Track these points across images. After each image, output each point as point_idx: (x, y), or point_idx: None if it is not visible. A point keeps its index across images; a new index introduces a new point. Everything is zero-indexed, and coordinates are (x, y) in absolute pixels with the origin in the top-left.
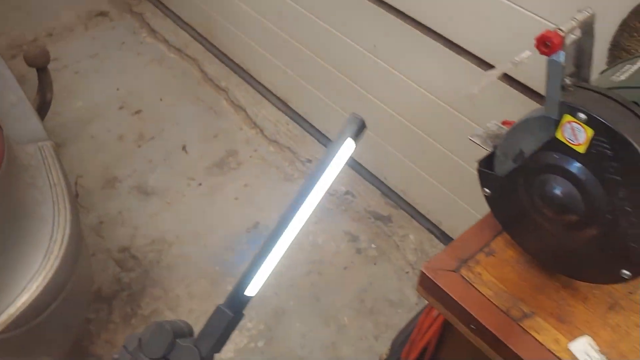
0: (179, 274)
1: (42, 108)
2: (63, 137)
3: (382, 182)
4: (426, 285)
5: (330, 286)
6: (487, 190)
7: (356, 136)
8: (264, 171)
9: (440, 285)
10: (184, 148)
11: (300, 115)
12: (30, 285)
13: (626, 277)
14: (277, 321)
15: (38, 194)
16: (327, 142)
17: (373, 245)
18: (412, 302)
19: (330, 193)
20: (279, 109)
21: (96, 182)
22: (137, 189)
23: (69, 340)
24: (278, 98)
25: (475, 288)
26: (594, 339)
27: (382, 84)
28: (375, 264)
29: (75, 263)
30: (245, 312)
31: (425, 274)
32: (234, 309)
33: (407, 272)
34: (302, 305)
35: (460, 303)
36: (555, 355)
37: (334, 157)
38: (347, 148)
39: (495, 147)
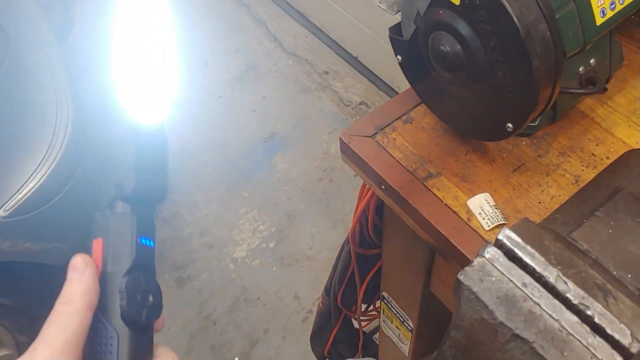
0: (197, 180)
1: (67, 19)
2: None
3: (395, 91)
4: (344, 150)
5: (340, 192)
6: (399, 57)
7: None
8: (281, 84)
9: (353, 149)
10: (205, 63)
11: (318, 28)
12: (35, 174)
13: (510, 130)
14: (288, 224)
15: (41, 95)
16: (344, 54)
17: None
18: None
19: (345, 104)
20: (299, 22)
21: None
22: None
23: (81, 228)
24: (298, 11)
25: (387, 151)
26: (493, 196)
27: None
28: None
29: (78, 158)
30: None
31: (342, 140)
32: None
33: None
34: (313, 210)
35: (370, 164)
36: (452, 210)
37: None
38: None
39: (399, 11)
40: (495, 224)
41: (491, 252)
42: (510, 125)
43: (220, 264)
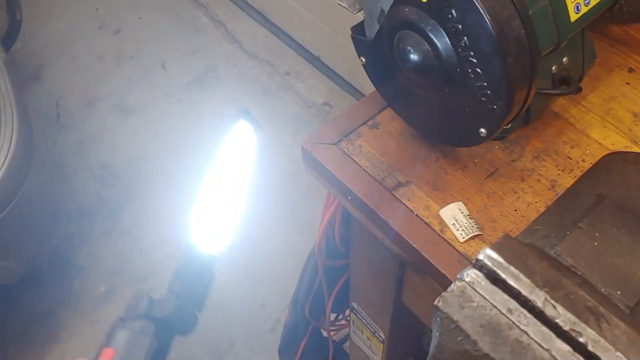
0: (158, 188)
1: (13, 27)
2: (44, 59)
3: (359, 92)
4: (307, 159)
5: (305, 196)
6: (362, 58)
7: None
8: (243, 86)
9: (317, 158)
10: (163, 66)
11: (278, 28)
12: None
13: (483, 135)
14: (254, 232)
15: None
16: (305, 54)
17: None
18: None
19: (308, 105)
20: (258, 22)
21: (77, 102)
22: (117, 107)
23: (30, 246)
24: (257, 11)
25: (354, 160)
26: (466, 205)
27: None
28: None
29: (25, 170)
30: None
31: (304, 148)
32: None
33: None
34: (277, 216)
35: (335, 174)
36: (424, 221)
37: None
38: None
39: (361, 9)
40: (470, 235)
41: (471, 274)
42: (483, 130)
43: None
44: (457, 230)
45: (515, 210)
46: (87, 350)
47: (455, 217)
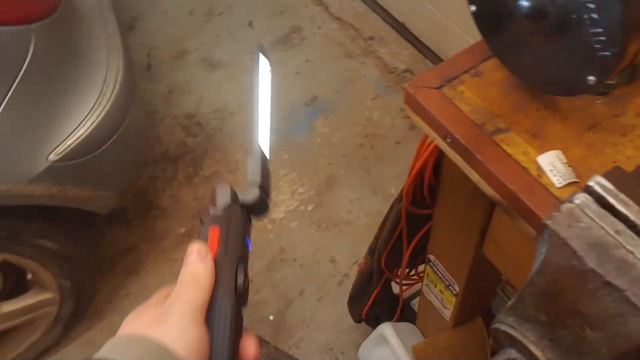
0: (239, 140)
1: None
2: (138, 10)
3: (442, 60)
4: (409, 101)
5: (381, 159)
6: (472, 7)
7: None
8: (326, 47)
9: (419, 100)
10: (250, 24)
11: None
12: (85, 121)
13: (592, 83)
14: (327, 188)
15: (94, 42)
16: (391, 19)
17: None
18: None
19: (390, 70)
20: None
21: (167, 53)
22: (204, 61)
23: (124, 179)
24: None
25: (454, 103)
26: (565, 154)
27: None
28: None
29: (127, 108)
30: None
31: (407, 90)
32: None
33: None
34: (353, 175)
35: (436, 116)
36: (521, 165)
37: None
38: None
39: None
40: (567, 182)
41: (581, 198)
42: (591, 78)
43: (258, 224)
44: (555, 176)
45: (614, 162)
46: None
47: (553, 163)
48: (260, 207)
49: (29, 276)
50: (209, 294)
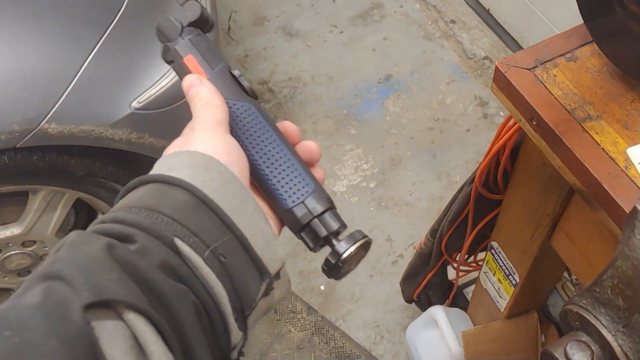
0: (308, 110)
1: None
2: None
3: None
4: (498, 80)
5: (449, 145)
6: None
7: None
8: (405, 27)
9: (509, 79)
10: None
11: None
12: (168, 74)
13: None
14: (392, 168)
15: None
16: (475, 4)
17: (502, 113)
18: None
19: (468, 56)
20: None
21: (247, 18)
22: (283, 29)
23: None
24: None
25: (545, 86)
26: None
27: None
28: None
29: None
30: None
31: (498, 68)
32: None
33: None
34: (419, 158)
35: (525, 97)
36: (609, 155)
37: None
38: None
39: None
40: None
41: None
42: None
43: None
44: None
45: None
46: None
47: None
48: (205, 20)
49: (100, 216)
50: (225, 110)
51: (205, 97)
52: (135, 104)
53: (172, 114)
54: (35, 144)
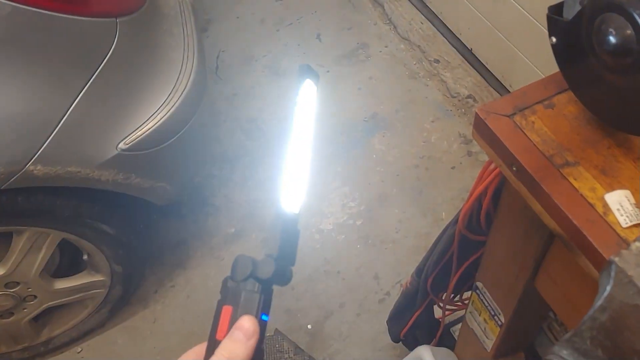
0: None
1: None
2: (212, 14)
3: (507, 89)
4: (478, 127)
5: (435, 182)
6: (553, 38)
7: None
8: (390, 66)
9: (489, 125)
10: (318, 36)
11: (436, 15)
12: (156, 115)
13: None
14: (378, 205)
15: (172, 40)
16: (458, 44)
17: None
18: None
19: (452, 95)
20: (417, 7)
21: (235, 58)
22: (270, 68)
23: (185, 174)
24: None
25: (524, 133)
26: (634, 195)
27: None
28: None
29: (195, 106)
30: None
31: (478, 115)
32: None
33: None
34: (405, 195)
35: (504, 143)
36: (587, 201)
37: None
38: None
39: None
40: (633, 223)
41: None
42: None
43: (305, 232)
44: (621, 215)
45: None
46: (210, 283)
47: (621, 203)
48: (279, 278)
49: (85, 257)
50: None
51: (235, 354)
52: (122, 145)
53: (159, 155)
54: (20, 185)
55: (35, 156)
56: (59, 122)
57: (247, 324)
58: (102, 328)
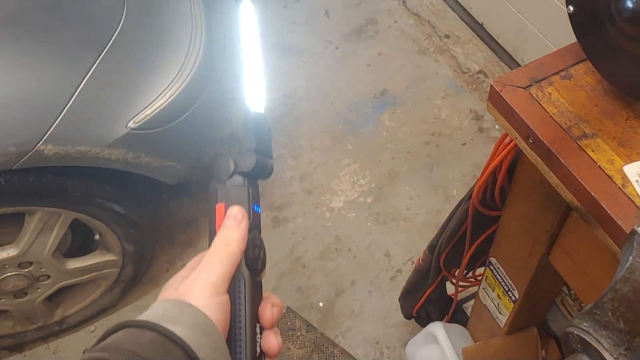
0: (304, 126)
1: None
2: None
3: (518, 64)
4: (493, 99)
5: (446, 159)
6: (571, 7)
7: None
8: (400, 42)
9: (504, 97)
10: (326, 12)
11: None
12: (164, 93)
13: None
14: (389, 182)
15: (180, 18)
16: (469, 19)
17: (497, 127)
18: None
19: (463, 70)
20: None
21: None
22: (278, 46)
23: (195, 153)
24: None
25: (540, 105)
26: None
27: None
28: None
29: (204, 85)
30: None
31: (493, 87)
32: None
33: None
34: (415, 172)
35: (521, 115)
36: (606, 173)
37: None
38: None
39: None
40: None
41: None
42: None
43: (316, 211)
44: None
45: None
46: None
47: (639, 174)
48: (261, 170)
49: (96, 237)
50: (235, 263)
51: (230, 238)
52: (131, 124)
53: (168, 134)
54: (31, 165)
55: (46, 136)
56: (69, 102)
57: (234, 210)
58: (115, 307)
